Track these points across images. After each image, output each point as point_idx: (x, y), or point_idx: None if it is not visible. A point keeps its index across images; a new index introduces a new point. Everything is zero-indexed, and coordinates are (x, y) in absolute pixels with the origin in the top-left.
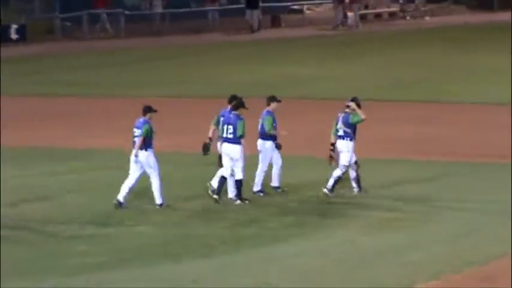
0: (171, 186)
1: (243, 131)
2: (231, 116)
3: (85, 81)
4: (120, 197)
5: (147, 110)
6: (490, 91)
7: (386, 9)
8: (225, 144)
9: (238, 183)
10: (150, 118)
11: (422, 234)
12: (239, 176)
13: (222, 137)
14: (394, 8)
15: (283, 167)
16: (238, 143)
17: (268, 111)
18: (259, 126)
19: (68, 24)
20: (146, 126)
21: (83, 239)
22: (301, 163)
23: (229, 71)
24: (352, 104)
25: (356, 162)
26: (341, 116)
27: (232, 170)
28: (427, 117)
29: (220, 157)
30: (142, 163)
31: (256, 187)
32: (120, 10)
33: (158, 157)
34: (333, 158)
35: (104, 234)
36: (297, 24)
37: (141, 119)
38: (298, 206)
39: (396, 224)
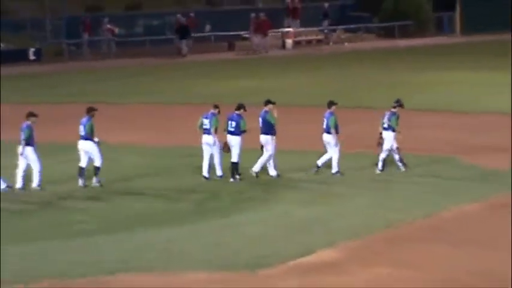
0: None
1: (245, 127)
2: (235, 115)
3: (86, 92)
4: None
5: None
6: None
7: (315, 37)
8: (229, 136)
9: (235, 165)
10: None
11: (343, 207)
12: (234, 159)
13: (227, 130)
14: (321, 36)
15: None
16: (238, 134)
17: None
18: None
19: (73, 48)
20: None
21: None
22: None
23: (194, 84)
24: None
25: (397, 148)
26: (387, 113)
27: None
28: (349, 118)
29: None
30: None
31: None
32: (112, 37)
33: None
34: (380, 143)
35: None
36: (246, 49)
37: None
38: (250, 185)
39: (322, 200)
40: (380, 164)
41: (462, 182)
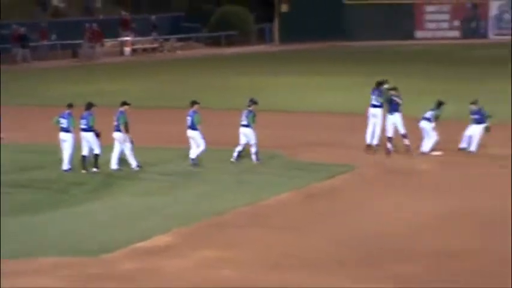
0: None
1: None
2: (86, 114)
3: None
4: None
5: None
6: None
7: (150, 45)
8: (82, 132)
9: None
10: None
11: (178, 196)
12: (97, 151)
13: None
14: (156, 45)
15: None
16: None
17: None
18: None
19: None
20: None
21: None
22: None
23: (47, 88)
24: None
25: (256, 143)
26: (244, 112)
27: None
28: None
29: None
30: None
31: None
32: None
33: None
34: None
35: None
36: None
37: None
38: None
39: (160, 191)
40: (235, 155)
41: (283, 174)
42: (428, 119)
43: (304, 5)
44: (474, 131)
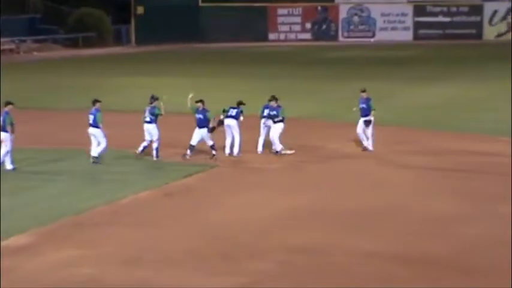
0: None
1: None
2: (149, 108)
3: None
4: None
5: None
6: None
7: (8, 47)
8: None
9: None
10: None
11: (41, 195)
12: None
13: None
14: (12, 46)
15: None
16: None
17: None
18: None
19: None
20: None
21: None
22: None
23: None
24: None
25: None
26: (147, 108)
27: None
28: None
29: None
30: None
31: None
32: None
33: None
34: None
35: None
36: None
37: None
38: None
39: (25, 190)
40: (140, 150)
41: (141, 173)
42: (234, 117)
43: (159, 7)
44: (359, 128)
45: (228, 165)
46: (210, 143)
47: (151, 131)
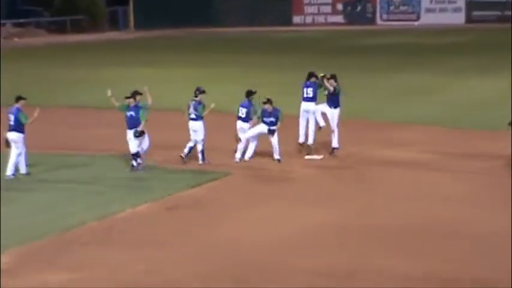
0: None
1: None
2: (194, 102)
3: None
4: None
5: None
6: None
7: None
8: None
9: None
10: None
11: (18, 211)
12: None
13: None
14: None
15: None
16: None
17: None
18: None
19: None
20: None
21: None
22: None
23: None
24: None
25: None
26: (191, 104)
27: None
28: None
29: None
30: None
31: None
32: None
33: None
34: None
35: None
36: None
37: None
38: None
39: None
40: (186, 151)
41: (138, 182)
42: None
43: None
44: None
45: (243, 173)
46: (134, 150)
47: (197, 130)
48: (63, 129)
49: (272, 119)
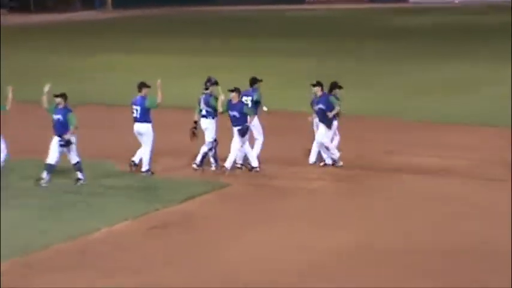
0: None
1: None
2: (204, 96)
3: None
4: None
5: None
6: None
7: None
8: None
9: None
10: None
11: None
12: None
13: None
14: None
15: None
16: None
17: None
18: None
19: None
20: None
21: None
22: None
23: None
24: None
25: (215, 140)
26: (202, 97)
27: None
28: None
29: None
30: None
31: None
32: None
33: None
34: (194, 134)
35: None
36: None
37: None
38: None
39: None
40: (199, 158)
41: (118, 194)
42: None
43: None
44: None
45: (244, 184)
46: (75, 159)
47: (208, 128)
48: (33, 129)
49: (235, 113)
